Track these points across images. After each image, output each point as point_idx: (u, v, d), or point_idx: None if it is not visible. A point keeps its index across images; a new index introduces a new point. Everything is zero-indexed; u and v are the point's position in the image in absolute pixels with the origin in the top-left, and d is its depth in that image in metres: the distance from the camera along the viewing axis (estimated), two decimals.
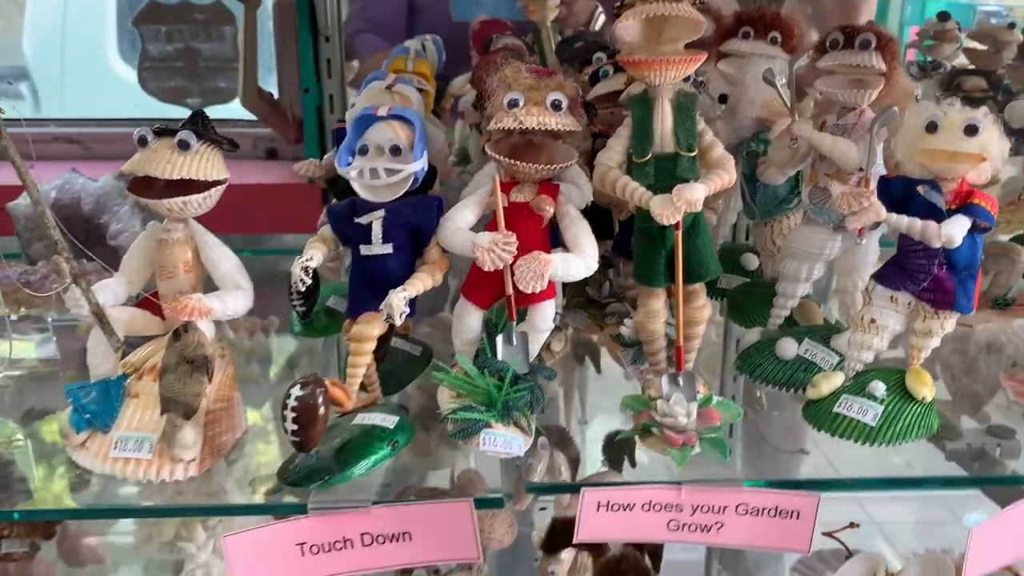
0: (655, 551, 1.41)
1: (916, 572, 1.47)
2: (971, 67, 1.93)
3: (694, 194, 0.97)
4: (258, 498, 1.02)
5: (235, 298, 1.06)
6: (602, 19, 1.90)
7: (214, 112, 2.06)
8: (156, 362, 1.05)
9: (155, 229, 1.09)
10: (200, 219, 1.09)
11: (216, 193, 1.05)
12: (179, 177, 1.01)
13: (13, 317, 1.32)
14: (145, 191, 1.04)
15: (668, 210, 0.97)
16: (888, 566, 1.48)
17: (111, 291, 1.07)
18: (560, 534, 1.39)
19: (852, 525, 1.51)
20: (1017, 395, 1.20)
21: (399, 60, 1.75)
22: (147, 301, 1.11)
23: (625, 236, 1.31)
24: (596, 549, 1.40)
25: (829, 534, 1.53)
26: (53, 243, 1.02)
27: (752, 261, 1.52)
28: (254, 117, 1.93)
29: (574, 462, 1.29)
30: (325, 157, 1.49)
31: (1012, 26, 1.82)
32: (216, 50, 1.92)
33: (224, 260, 1.07)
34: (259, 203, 1.78)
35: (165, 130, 1.04)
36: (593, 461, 1.22)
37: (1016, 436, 1.15)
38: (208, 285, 1.11)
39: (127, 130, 1.06)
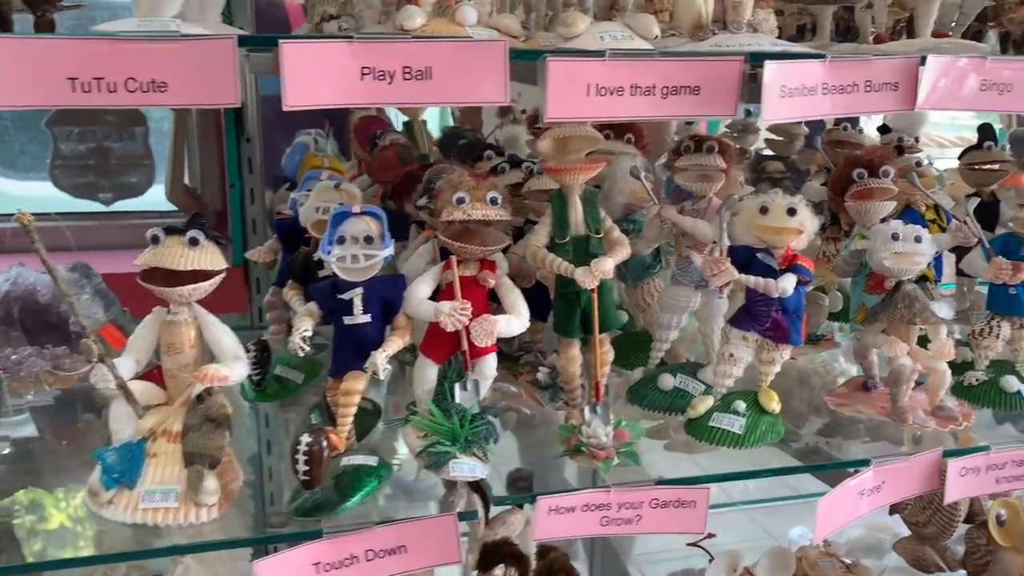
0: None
1: (766, 564, 1.84)
2: (771, 153, 2.41)
3: (607, 265, 1.29)
4: (270, 530, 1.22)
5: (238, 366, 1.26)
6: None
7: (125, 205, 2.23)
8: (168, 426, 1.24)
9: (160, 313, 1.28)
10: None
11: (218, 280, 1.26)
12: (192, 268, 1.22)
13: (30, 396, 1.44)
14: (156, 281, 1.23)
15: (589, 278, 1.29)
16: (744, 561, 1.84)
17: (125, 367, 1.24)
18: (490, 555, 1.64)
19: (709, 535, 1.84)
20: (837, 405, 1.60)
21: (313, 158, 2.00)
22: (151, 374, 1.29)
23: (528, 300, 1.61)
24: (520, 563, 1.67)
25: (693, 544, 1.87)
26: (82, 328, 1.19)
27: (624, 317, 1.87)
28: (165, 209, 2.09)
29: (485, 499, 1.56)
30: (267, 244, 1.71)
31: (799, 122, 2.32)
32: (128, 148, 2.08)
33: (225, 336, 1.28)
34: None
35: (173, 228, 1.24)
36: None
37: (837, 436, 1.54)
38: (204, 358, 1.30)
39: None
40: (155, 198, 2.21)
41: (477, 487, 1.57)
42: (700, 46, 1.29)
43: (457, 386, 1.34)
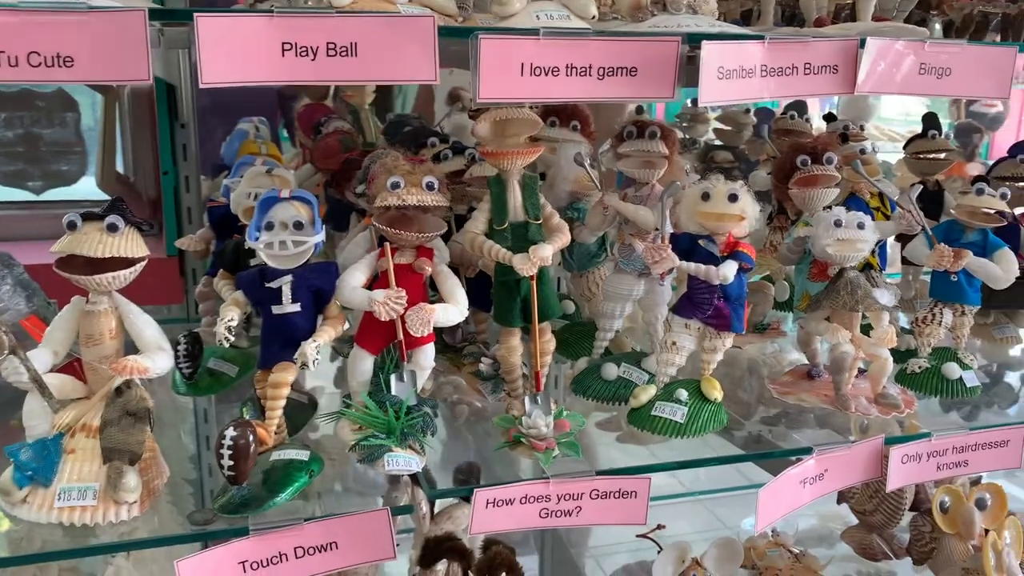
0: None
1: (714, 554, 1.83)
2: (719, 143, 2.41)
3: (546, 252, 1.26)
4: (194, 528, 1.17)
5: (161, 358, 1.21)
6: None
7: (57, 194, 2.15)
8: (87, 421, 1.18)
9: (79, 303, 1.22)
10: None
11: (139, 268, 1.21)
12: (111, 255, 1.16)
13: None
14: (73, 269, 1.17)
15: (527, 265, 1.26)
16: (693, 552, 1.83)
17: (41, 360, 1.18)
18: (432, 550, 1.61)
19: (659, 527, 1.83)
20: (780, 394, 1.59)
21: (250, 144, 1.94)
22: (70, 367, 1.23)
23: (472, 290, 1.58)
24: (463, 558, 1.63)
25: (643, 536, 1.85)
26: None
27: (569, 306, 1.84)
28: (98, 198, 2.02)
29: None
30: (199, 232, 1.65)
31: (748, 111, 2.31)
32: (58, 135, 2.00)
33: (147, 326, 1.22)
34: None
35: (91, 214, 1.18)
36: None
37: (781, 424, 1.53)
38: (127, 349, 1.25)
39: None
40: (87, 188, 2.14)
41: (417, 481, 1.54)
42: (638, 27, 1.27)
43: (393, 377, 1.30)
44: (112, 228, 1.17)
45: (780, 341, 1.94)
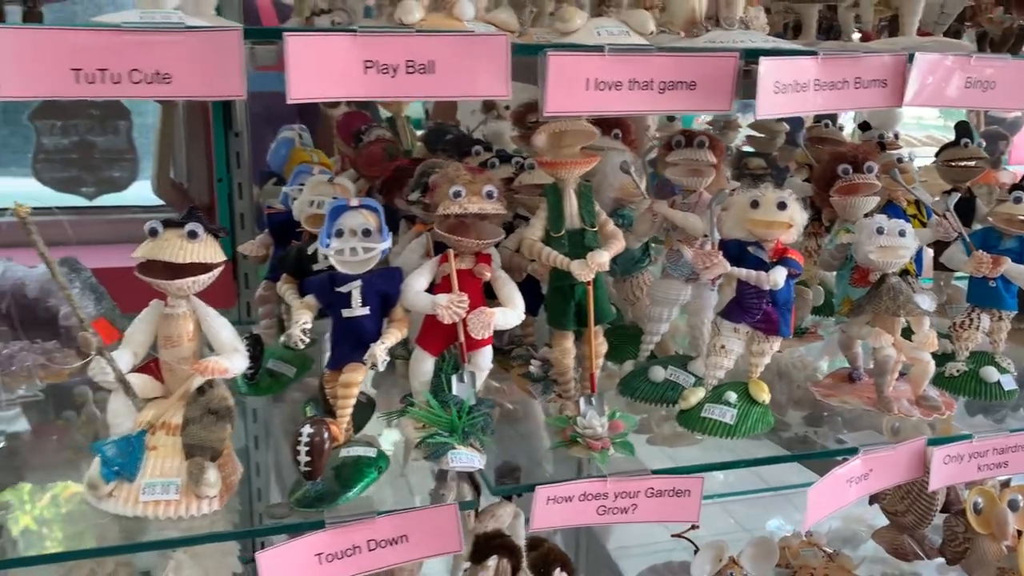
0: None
1: (751, 553, 1.87)
2: (751, 150, 2.45)
3: (603, 258, 1.31)
4: (272, 521, 1.22)
5: (237, 359, 1.26)
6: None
7: (108, 200, 2.21)
8: (167, 419, 1.24)
9: (158, 306, 1.27)
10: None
11: (216, 273, 1.26)
12: (190, 261, 1.22)
13: (21, 391, 1.43)
14: (154, 273, 1.23)
15: (585, 270, 1.31)
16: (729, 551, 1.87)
17: (122, 360, 1.24)
18: (482, 547, 1.66)
19: (693, 527, 1.87)
20: (823, 396, 1.63)
21: (301, 152, 2.00)
22: (148, 367, 1.29)
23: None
24: (512, 555, 1.68)
25: (678, 535, 1.90)
26: (80, 321, 1.18)
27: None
28: (148, 203, 2.08)
29: (476, 489, 1.58)
30: (258, 238, 1.70)
31: (781, 119, 2.35)
32: (111, 143, 2.06)
33: (223, 329, 1.27)
34: None
35: (171, 222, 1.24)
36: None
37: (824, 425, 1.57)
38: (203, 351, 1.30)
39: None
40: (137, 193, 2.20)
41: (471, 478, 1.59)
42: (695, 42, 1.32)
43: (454, 378, 1.35)
44: (192, 235, 1.22)
45: (809, 347, 1.97)
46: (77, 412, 1.53)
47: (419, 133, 2.36)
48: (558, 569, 1.50)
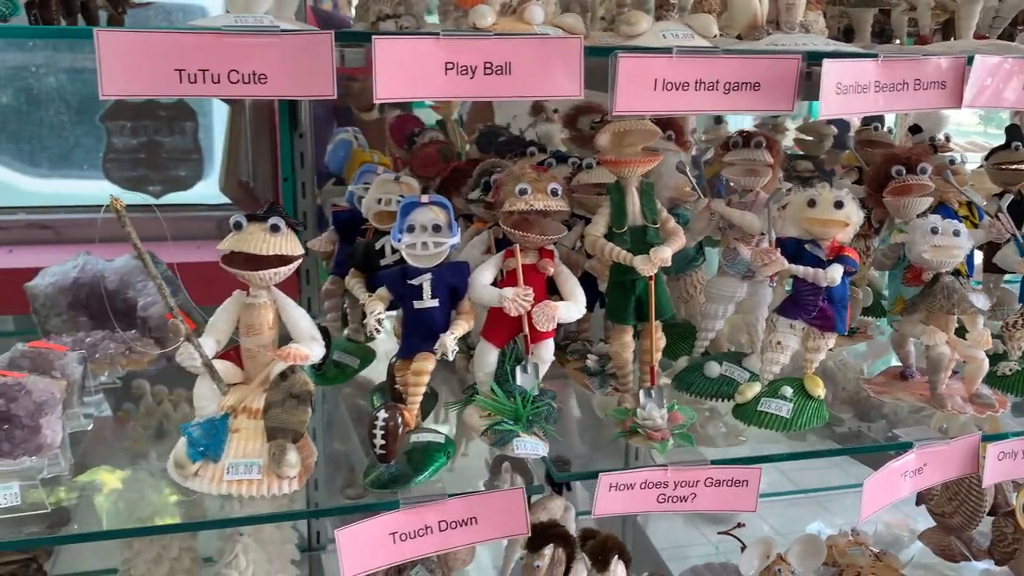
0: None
1: (798, 550, 1.90)
2: (798, 152, 2.48)
3: (665, 253, 1.35)
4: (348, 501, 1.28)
5: (315, 347, 1.32)
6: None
7: (174, 198, 2.29)
8: (248, 403, 1.30)
9: (240, 296, 1.34)
10: None
11: (296, 265, 1.32)
12: (272, 253, 1.28)
13: (103, 377, 1.50)
14: (237, 265, 1.29)
15: (648, 266, 1.35)
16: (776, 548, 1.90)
17: (207, 347, 1.30)
18: (538, 536, 1.70)
19: (739, 525, 1.90)
20: (876, 393, 1.66)
21: (361, 153, 2.07)
22: (228, 355, 1.35)
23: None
24: (567, 544, 1.73)
25: (725, 532, 1.92)
26: (170, 309, 1.25)
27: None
28: (214, 202, 2.16)
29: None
30: (324, 235, 1.77)
31: (829, 123, 2.38)
32: (178, 143, 2.15)
33: (302, 318, 1.34)
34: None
35: (254, 216, 1.30)
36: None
37: (878, 420, 1.60)
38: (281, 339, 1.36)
39: (91, 216, 1.24)
40: (202, 191, 2.28)
41: (524, 471, 1.64)
42: (757, 45, 1.36)
43: (518, 369, 1.40)
44: (275, 228, 1.28)
45: (851, 349, 1.99)
46: (136, 404, 1.60)
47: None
48: (615, 557, 1.54)
